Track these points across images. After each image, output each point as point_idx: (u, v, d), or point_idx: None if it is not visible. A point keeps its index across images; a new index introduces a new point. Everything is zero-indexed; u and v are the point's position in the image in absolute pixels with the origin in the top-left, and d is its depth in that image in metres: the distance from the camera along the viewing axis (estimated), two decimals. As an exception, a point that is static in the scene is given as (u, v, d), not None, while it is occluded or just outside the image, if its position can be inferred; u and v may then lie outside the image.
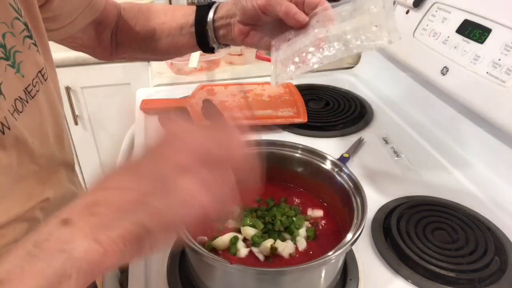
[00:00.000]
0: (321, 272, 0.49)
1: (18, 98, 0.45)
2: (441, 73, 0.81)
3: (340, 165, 0.57)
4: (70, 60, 1.37)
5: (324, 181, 0.59)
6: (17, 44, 0.45)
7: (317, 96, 1.07)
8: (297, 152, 0.62)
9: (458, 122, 0.85)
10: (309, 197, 0.63)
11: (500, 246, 0.61)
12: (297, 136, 0.90)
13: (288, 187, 0.65)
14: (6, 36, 0.43)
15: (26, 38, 0.47)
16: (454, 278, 0.55)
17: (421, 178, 0.78)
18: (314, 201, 0.63)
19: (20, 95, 0.46)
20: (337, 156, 0.81)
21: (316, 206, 0.61)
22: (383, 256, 0.60)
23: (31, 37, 0.48)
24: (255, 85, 1.10)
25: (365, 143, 0.87)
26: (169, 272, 0.57)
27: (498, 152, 0.76)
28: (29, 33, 0.48)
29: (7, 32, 0.44)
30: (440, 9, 0.86)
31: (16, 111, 0.44)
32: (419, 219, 0.65)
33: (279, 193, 0.64)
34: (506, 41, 0.69)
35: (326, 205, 0.61)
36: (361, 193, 0.52)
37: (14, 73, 0.44)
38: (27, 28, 0.47)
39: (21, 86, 0.46)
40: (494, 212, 0.69)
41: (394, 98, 1.06)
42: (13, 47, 0.44)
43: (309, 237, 0.56)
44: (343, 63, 1.32)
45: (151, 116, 0.97)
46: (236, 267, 0.45)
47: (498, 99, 0.69)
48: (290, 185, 0.65)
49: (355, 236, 0.46)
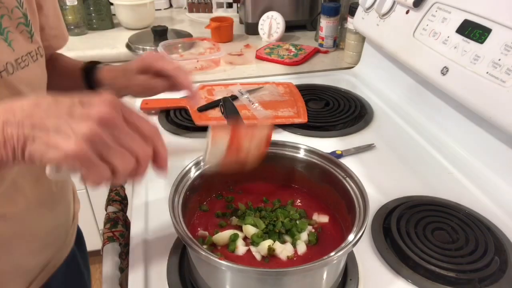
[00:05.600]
0: (323, 273, 0.49)
1: (8, 62, 0.51)
2: (441, 73, 0.81)
3: (350, 173, 0.56)
4: (70, 60, 1.37)
5: (332, 186, 0.59)
6: (11, 26, 0.52)
7: (317, 96, 1.07)
8: (313, 157, 0.61)
9: (458, 122, 0.85)
10: (317, 201, 0.63)
11: (500, 246, 0.61)
12: (297, 136, 0.90)
13: (296, 190, 0.65)
14: (3, 18, 0.51)
15: (20, 25, 0.54)
16: (454, 278, 0.55)
17: (421, 178, 0.78)
18: (321, 205, 0.62)
19: (11, 62, 0.52)
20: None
21: (322, 211, 0.61)
22: (383, 256, 0.60)
23: (27, 25, 0.55)
24: (255, 85, 1.10)
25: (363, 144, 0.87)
26: (169, 272, 0.57)
27: (498, 152, 0.76)
28: (25, 22, 0.55)
29: (5, 15, 0.51)
30: (440, 9, 0.86)
31: (5, 71, 0.51)
32: (419, 219, 0.65)
33: (285, 195, 0.64)
34: (506, 41, 0.69)
35: (332, 211, 0.61)
36: (364, 197, 0.52)
37: (6, 46, 0.51)
38: (25, 17, 0.54)
39: (12, 56, 0.52)
40: (494, 212, 0.69)
41: (394, 98, 1.06)
42: (7, 27, 0.51)
43: (311, 241, 0.56)
44: (343, 63, 1.32)
45: (151, 116, 0.97)
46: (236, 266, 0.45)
47: (498, 99, 0.69)
48: (297, 187, 0.65)
49: (357, 236, 0.46)
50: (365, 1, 1.09)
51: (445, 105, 0.88)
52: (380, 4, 1.02)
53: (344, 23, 1.34)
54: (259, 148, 0.49)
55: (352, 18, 1.21)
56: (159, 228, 0.65)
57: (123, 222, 0.70)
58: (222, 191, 0.65)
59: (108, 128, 0.35)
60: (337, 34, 1.38)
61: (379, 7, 1.02)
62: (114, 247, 0.65)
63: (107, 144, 0.36)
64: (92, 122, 0.35)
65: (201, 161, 0.54)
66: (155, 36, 1.44)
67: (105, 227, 0.69)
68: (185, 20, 1.79)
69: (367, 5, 1.09)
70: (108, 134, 0.35)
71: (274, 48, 1.39)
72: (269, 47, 1.40)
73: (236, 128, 0.47)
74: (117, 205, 0.74)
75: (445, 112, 0.88)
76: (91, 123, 0.34)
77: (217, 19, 1.48)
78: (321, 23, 1.36)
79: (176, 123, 0.94)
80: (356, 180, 0.55)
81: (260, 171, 0.63)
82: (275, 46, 1.40)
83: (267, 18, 1.47)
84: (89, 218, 1.69)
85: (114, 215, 0.71)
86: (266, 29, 1.47)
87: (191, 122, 0.92)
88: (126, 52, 1.42)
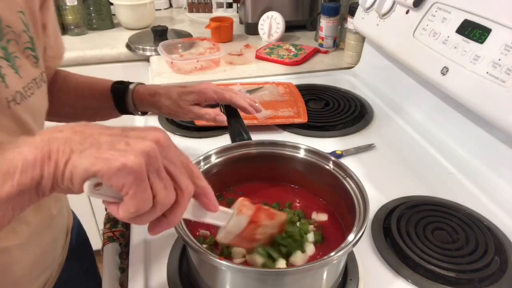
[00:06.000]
0: (323, 273, 0.49)
1: (18, 91, 0.49)
2: (441, 73, 0.81)
3: (350, 173, 0.56)
4: (70, 60, 1.37)
5: (331, 186, 0.59)
6: (17, 51, 0.50)
7: (317, 96, 1.07)
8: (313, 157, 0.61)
9: (458, 122, 0.85)
10: (314, 199, 0.63)
11: (500, 246, 0.61)
12: (297, 136, 0.90)
13: (296, 190, 0.65)
14: (10, 42, 0.48)
15: (27, 49, 0.52)
16: (454, 278, 0.55)
17: (421, 178, 0.78)
18: (321, 204, 0.62)
19: (20, 90, 0.50)
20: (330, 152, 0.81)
21: (321, 209, 0.61)
22: (383, 256, 0.60)
23: (33, 50, 0.53)
24: (255, 85, 1.10)
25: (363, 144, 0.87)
26: (169, 272, 0.57)
27: (498, 152, 0.76)
28: (32, 46, 0.53)
29: (12, 40, 0.49)
30: (440, 9, 0.86)
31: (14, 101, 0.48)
32: (419, 219, 0.65)
33: (286, 195, 0.64)
34: (506, 41, 0.69)
35: (332, 210, 0.61)
36: (364, 197, 0.52)
37: (13, 73, 0.49)
38: (31, 41, 0.52)
39: (20, 84, 0.50)
40: (494, 212, 0.69)
41: (394, 98, 1.06)
42: (14, 52, 0.49)
43: (317, 241, 0.55)
44: (343, 63, 1.32)
45: (151, 117, 0.97)
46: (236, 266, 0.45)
47: (498, 99, 0.69)
48: (297, 187, 0.65)
49: (357, 237, 0.46)
50: (365, 1, 1.09)
51: (445, 105, 0.88)
52: (380, 4, 1.02)
53: (344, 23, 1.34)
54: (271, 232, 0.50)
55: (352, 18, 1.21)
56: (159, 228, 0.65)
57: (123, 222, 0.70)
58: (222, 192, 0.65)
59: (162, 152, 0.34)
60: (337, 34, 1.38)
61: (379, 7, 1.02)
62: (114, 247, 0.65)
63: (159, 167, 0.34)
64: (150, 141, 0.34)
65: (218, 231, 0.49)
66: (155, 36, 1.44)
67: (105, 227, 0.69)
68: (185, 20, 1.79)
69: (367, 5, 1.09)
70: (162, 157, 0.34)
71: (274, 48, 1.39)
72: (269, 47, 1.40)
73: (260, 208, 0.48)
74: (117, 205, 0.74)
75: (445, 112, 0.88)
76: (148, 142, 0.33)
77: (217, 19, 1.48)
78: (321, 23, 1.36)
79: (176, 123, 0.94)
80: (356, 180, 0.55)
81: (261, 171, 0.64)
82: (275, 46, 1.40)
83: (267, 18, 1.47)
84: (89, 218, 1.70)
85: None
86: (266, 29, 1.47)
87: (191, 122, 0.92)
88: (126, 52, 1.42)
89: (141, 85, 0.74)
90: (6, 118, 0.48)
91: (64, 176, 0.32)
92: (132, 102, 0.73)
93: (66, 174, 0.32)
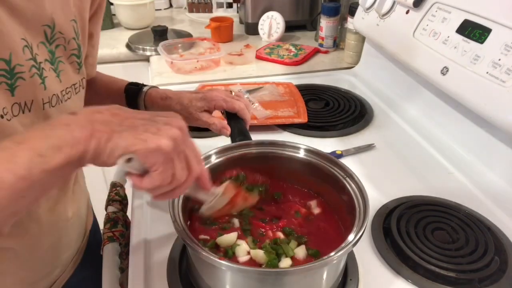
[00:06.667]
0: (323, 273, 0.49)
1: (55, 94, 0.52)
2: (441, 73, 0.81)
3: (350, 173, 0.56)
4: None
5: (332, 186, 0.58)
6: (63, 56, 0.54)
7: (317, 96, 1.07)
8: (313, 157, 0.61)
9: (458, 122, 0.85)
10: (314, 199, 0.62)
11: (500, 246, 0.61)
12: (297, 136, 0.90)
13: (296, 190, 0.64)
14: (59, 48, 0.52)
15: (73, 56, 0.56)
16: (454, 278, 0.55)
17: (421, 178, 0.78)
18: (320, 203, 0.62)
19: (57, 94, 0.53)
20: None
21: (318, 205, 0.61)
22: (383, 256, 0.60)
23: (78, 57, 0.56)
24: (255, 85, 1.10)
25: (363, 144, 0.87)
26: (169, 272, 0.57)
27: (498, 152, 0.76)
28: (78, 53, 0.56)
29: (61, 45, 0.53)
30: (440, 9, 0.86)
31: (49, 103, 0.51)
32: (419, 219, 0.65)
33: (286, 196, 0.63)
34: (506, 41, 0.69)
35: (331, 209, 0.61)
36: (364, 197, 0.52)
37: (55, 76, 0.52)
38: (78, 49, 0.56)
39: (59, 88, 0.53)
40: (494, 212, 0.69)
41: (394, 98, 1.06)
42: (59, 57, 0.53)
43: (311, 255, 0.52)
44: (343, 63, 1.32)
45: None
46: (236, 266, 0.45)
47: (498, 99, 0.69)
48: (297, 187, 0.64)
49: (357, 237, 0.46)
50: (365, 1, 1.09)
51: (445, 105, 0.88)
52: (380, 4, 1.02)
53: (344, 23, 1.34)
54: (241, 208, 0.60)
55: (352, 18, 1.21)
56: (159, 228, 0.65)
57: (123, 222, 0.70)
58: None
59: (184, 137, 0.41)
60: (337, 34, 1.38)
61: (379, 7, 1.02)
62: (114, 247, 0.65)
63: (181, 151, 0.41)
64: (176, 129, 0.40)
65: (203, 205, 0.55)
66: (155, 36, 1.44)
67: (105, 227, 0.69)
68: (185, 20, 1.79)
69: (367, 5, 1.09)
70: (183, 142, 0.41)
71: (274, 48, 1.39)
72: (269, 47, 1.40)
73: (239, 193, 0.58)
74: (117, 205, 0.74)
75: (445, 112, 0.88)
76: (175, 129, 0.40)
77: (217, 19, 1.48)
78: (321, 23, 1.36)
79: (176, 123, 0.94)
80: (356, 180, 0.55)
81: (261, 171, 0.63)
82: (275, 46, 1.40)
83: (267, 18, 1.47)
84: (89, 218, 1.69)
85: (114, 215, 0.71)
86: (266, 29, 1.47)
87: (191, 122, 0.92)
88: (126, 52, 1.42)
89: (153, 89, 0.74)
90: (38, 119, 0.50)
91: (104, 152, 0.38)
92: (143, 104, 0.73)
93: (106, 150, 0.38)
